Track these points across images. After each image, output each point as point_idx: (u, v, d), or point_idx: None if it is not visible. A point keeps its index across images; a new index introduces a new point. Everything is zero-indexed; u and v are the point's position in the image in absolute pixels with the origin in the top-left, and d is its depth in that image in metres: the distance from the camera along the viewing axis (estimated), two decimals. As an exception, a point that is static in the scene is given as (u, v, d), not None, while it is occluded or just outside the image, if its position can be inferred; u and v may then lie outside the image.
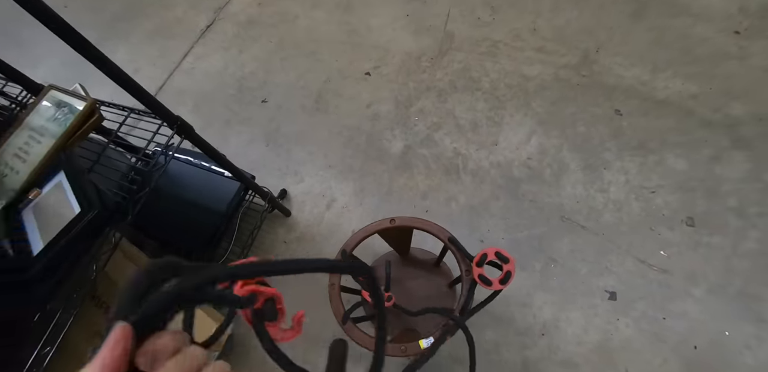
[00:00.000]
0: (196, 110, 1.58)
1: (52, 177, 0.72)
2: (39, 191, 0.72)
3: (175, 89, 1.68)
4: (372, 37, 1.56)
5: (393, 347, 0.69)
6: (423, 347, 0.68)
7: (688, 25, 1.39)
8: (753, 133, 1.18)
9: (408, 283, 1.03)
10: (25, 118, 0.78)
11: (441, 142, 1.27)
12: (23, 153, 0.75)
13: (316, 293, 1.06)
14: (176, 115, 0.80)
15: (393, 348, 0.69)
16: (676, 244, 1.05)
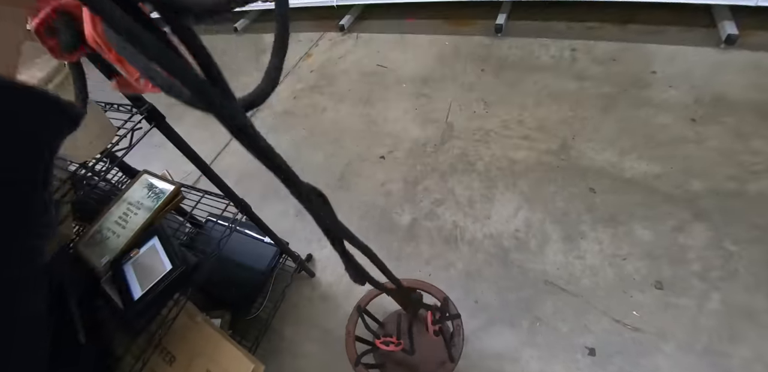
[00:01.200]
0: (238, 185, 1.90)
1: (148, 240, 0.98)
2: (137, 251, 0.98)
3: (222, 167, 2.03)
4: (387, 127, 1.89)
5: None
6: None
7: (650, 115, 1.65)
8: (712, 207, 1.37)
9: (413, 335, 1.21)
10: (124, 194, 1.08)
11: (442, 216, 1.51)
12: (122, 221, 1.02)
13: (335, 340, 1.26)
14: (241, 198, 1.08)
15: None
16: (647, 305, 1.21)
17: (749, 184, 1.40)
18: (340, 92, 2.15)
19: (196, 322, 1.16)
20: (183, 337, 1.12)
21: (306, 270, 1.43)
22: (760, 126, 1.53)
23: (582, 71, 1.88)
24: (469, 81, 1.97)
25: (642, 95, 1.73)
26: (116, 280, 0.94)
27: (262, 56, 2.72)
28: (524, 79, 1.91)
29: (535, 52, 2.03)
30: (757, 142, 1.48)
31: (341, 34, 2.57)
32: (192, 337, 1.13)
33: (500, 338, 1.21)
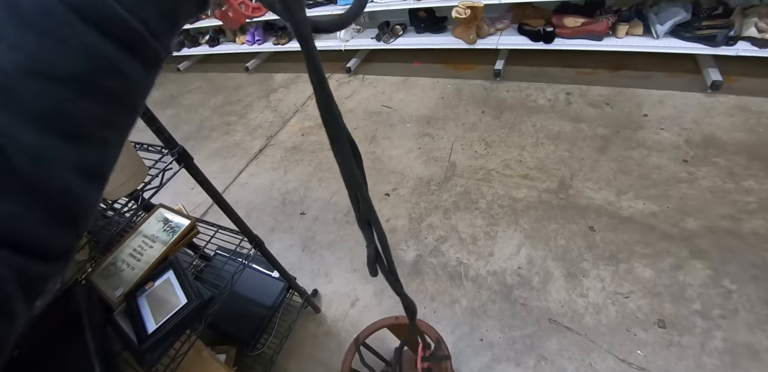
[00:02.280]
0: (247, 218, 1.93)
1: (163, 273, 1.01)
2: (152, 283, 1.01)
3: (230, 199, 2.03)
4: (391, 165, 1.97)
5: None
6: None
7: (644, 156, 1.73)
8: (708, 245, 1.41)
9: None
10: (139, 227, 1.12)
11: (446, 253, 1.54)
12: (137, 254, 1.05)
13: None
14: (255, 234, 1.13)
15: None
16: (650, 343, 1.22)
17: (743, 223, 1.45)
18: (346, 131, 2.24)
19: (203, 356, 1.17)
20: (188, 371, 1.12)
21: (312, 305, 1.45)
22: (750, 166, 1.60)
23: (577, 114, 1.98)
24: (470, 122, 2.07)
25: (635, 137, 1.81)
26: (130, 313, 0.97)
27: (271, 94, 2.86)
28: (523, 121, 2.00)
29: (532, 96, 2.15)
30: (749, 182, 1.55)
31: (348, 76, 2.72)
32: (197, 371, 1.13)
33: (506, 377, 1.21)
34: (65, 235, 0.22)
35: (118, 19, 0.20)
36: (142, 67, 0.23)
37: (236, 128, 2.63)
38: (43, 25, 0.19)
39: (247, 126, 2.62)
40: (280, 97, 2.79)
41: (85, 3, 0.19)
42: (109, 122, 0.22)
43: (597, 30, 2.00)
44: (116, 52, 0.21)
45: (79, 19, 0.19)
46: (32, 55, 0.19)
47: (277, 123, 2.55)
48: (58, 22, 0.19)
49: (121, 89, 0.22)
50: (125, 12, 0.20)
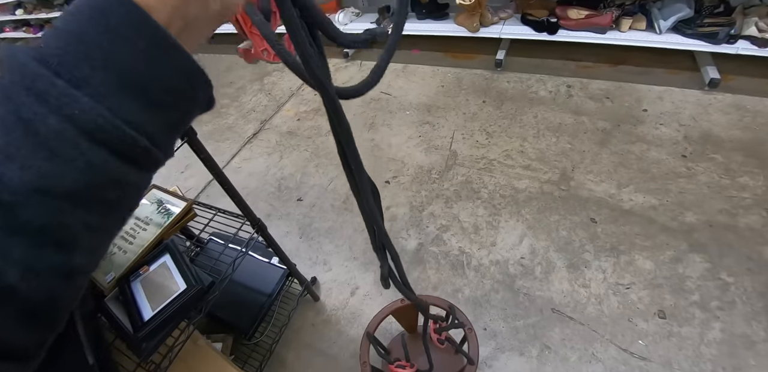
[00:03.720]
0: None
1: (158, 257, 0.95)
2: (147, 268, 0.95)
3: None
4: (391, 152, 1.93)
5: None
6: None
7: (644, 150, 1.74)
8: (706, 239, 1.43)
9: (420, 356, 1.19)
10: None
11: (448, 242, 1.52)
12: (130, 237, 0.99)
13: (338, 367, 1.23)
14: (258, 218, 1.08)
15: None
16: (651, 334, 1.23)
17: (739, 218, 1.47)
18: (344, 117, 2.18)
19: (198, 345, 1.12)
20: (184, 361, 1.07)
21: (311, 294, 1.41)
22: (746, 163, 1.62)
23: (578, 106, 1.98)
24: (471, 111, 2.05)
25: (635, 131, 1.82)
26: (124, 299, 0.91)
27: (265, 77, 2.77)
28: (524, 112, 1.99)
29: (533, 87, 2.14)
30: (745, 178, 1.57)
31: (345, 61, 2.65)
32: (193, 361, 1.08)
33: (510, 366, 1.20)
34: (42, 336, 0.22)
35: (128, 139, 0.21)
36: (143, 174, 0.23)
37: (229, 111, 2.54)
38: (55, 147, 0.19)
39: (240, 109, 2.53)
40: (274, 81, 2.71)
41: (96, 126, 0.20)
42: (103, 228, 0.23)
43: (601, 23, 1.99)
44: (121, 166, 0.22)
45: (90, 142, 0.20)
46: (42, 174, 0.19)
47: (271, 107, 2.48)
48: (69, 145, 0.20)
49: (119, 198, 0.23)
50: (134, 131, 0.21)
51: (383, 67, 0.35)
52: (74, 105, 0.19)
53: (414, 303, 0.71)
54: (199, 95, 0.25)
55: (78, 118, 0.19)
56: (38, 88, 0.19)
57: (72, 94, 0.19)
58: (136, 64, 0.21)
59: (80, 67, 0.20)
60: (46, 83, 0.19)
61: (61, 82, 0.19)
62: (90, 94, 0.20)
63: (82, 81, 0.20)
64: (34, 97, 0.19)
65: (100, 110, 0.20)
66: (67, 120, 0.19)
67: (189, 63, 0.23)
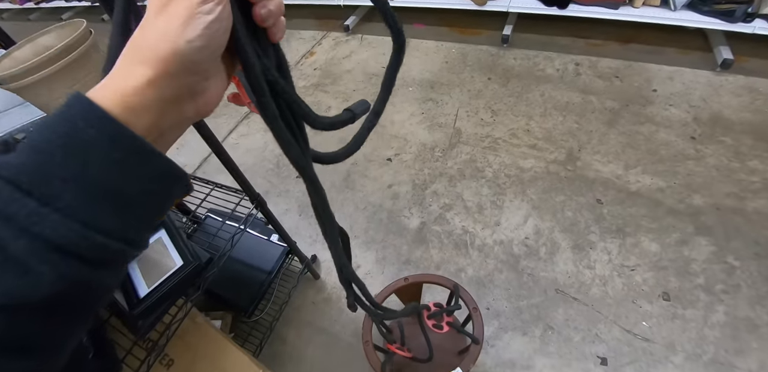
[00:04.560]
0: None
1: (154, 233, 0.92)
2: None
3: (219, 161, 1.95)
4: (394, 129, 1.88)
5: None
6: None
7: (652, 131, 1.70)
8: (713, 222, 1.41)
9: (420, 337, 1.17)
10: None
11: (452, 221, 1.49)
12: None
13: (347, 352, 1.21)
14: (257, 193, 1.03)
15: None
16: (655, 315, 1.22)
17: (747, 201, 1.45)
18: (344, 92, 2.12)
19: (197, 322, 1.09)
20: (182, 338, 1.04)
21: (312, 271, 1.38)
22: (756, 147, 1.59)
23: (586, 85, 1.92)
24: (476, 88, 1.98)
25: (644, 112, 1.78)
26: None
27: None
28: (530, 90, 1.93)
29: (540, 65, 2.07)
30: (754, 162, 1.54)
31: (345, 35, 2.55)
32: (192, 339, 1.06)
33: (513, 346, 1.19)
34: None
35: (100, 246, 0.21)
36: (117, 272, 0.23)
37: (223, 85, 2.45)
38: (25, 264, 0.19)
39: (235, 83, 2.44)
40: (271, 54, 2.61)
41: (68, 241, 0.20)
42: (72, 327, 0.23)
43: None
44: (93, 272, 0.21)
45: (61, 254, 0.20)
46: (8, 293, 0.19)
47: (267, 82, 2.39)
48: (40, 261, 0.19)
49: (89, 299, 0.23)
50: (107, 238, 0.21)
51: (365, 136, 0.36)
52: (44, 223, 0.19)
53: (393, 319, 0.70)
54: (174, 191, 0.25)
55: (48, 235, 0.19)
56: (8, 212, 0.19)
57: (42, 213, 0.19)
58: (111, 175, 0.21)
59: (52, 183, 0.20)
60: (17, 206, 0.19)
61: (32, 202, 0.19)
62: (61, 208, 0.20)
63: (53, 198, 0.20)
64: (3, 220, 0.19)
65: (71, 225, 0.20)
66: (38, 238, 0.19)
67: (164, 165, 0.23)
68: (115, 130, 0.21)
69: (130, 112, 0.21)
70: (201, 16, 0.22)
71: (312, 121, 0.32)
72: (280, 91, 0.28)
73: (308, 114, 0.31)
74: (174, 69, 0.22)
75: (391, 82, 0.36)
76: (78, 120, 0.20)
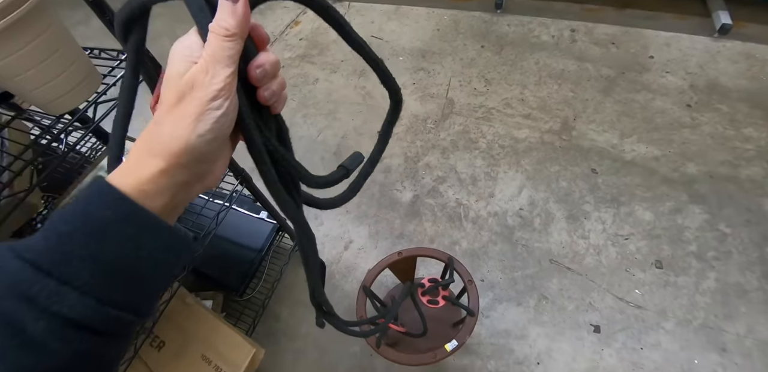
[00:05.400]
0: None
1: None
2: None
3: None
4: (384, 101, 1.81)
5: (424, 356, 0.83)
6: (449, 350, 0.82)
7: (648, 100, 1.67)
8: (706, 189, 1.41)
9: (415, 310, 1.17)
10: (100, 162, 0.96)
11: (445, 194, 1.47)
12: None
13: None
14: (242, 167, 0.99)
15: (424, 357, 0.83)
16: (648, 283, 1.23)
17: (741, 169, 1.44)
18: (332, 62, 2.03)
19: (187, 303, 1.07)
20: (172, 320, 1.02)
21: (303, 246, 1.36)
22: (751, 114, 1.57)
23: (582, 52, 1.86)
24: (468, 57, 1.91)
25: (640, 79, 1.73)
26: None
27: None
28: (525, 58, 1.87)
29: (535, 31, 2.00)
30: (749, 130, 1.53)
31: (332, 2, 2.43)
32: (182, 320, 1.04)
33: (508, 316, 1.20)
34: None
35: (114, 319, 0.22)
36: (124, 343, 0.24)
37: (204, 57, 2.34)
38: (42, 344, 0.20)
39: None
40: (253, 24, 2.48)
41: (84, 317, 0.21)
42: None
43: (612, -42, 1.82)
44: (106, 342, 0.22)
45: (76, 329, 0.21)
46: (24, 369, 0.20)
47: (251, 53, 2.28)
48: (56, 338, 0.20)
49: (100, 365, 0.23)
50: (121, 311, 0.22)
51: (361, 184, 0.37)
52: (63, 302, 0.20)
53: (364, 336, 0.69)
54: (183, 259, 0.26)
55: (66, 313, 0.20)
56: (30, 293, 0.20)
57: (61, 292, 0.21)
58: (126, 250, 0.22)
59: (70, 263, 0.21)
60: (39, 287, 0.20)
61: (51, 282, 0.20)
62: (79, 286, 0.21)
63: (71, 276, 0.21)
64: (25, 302, 0.20)
65: (88, 301, 0.21)
66: (56, 317, 0.20)
67: (175, 237, 0.25)
68: (130, 209, 0.22)
69: (145, 196, 0.23)
70: (211, 112, 0.23)
71: (308, 182, 0.33)
72: (280, 159, 0.29)
73: (305, 176, 0.32)
74: (185, 160, 0.24)
75: (388, 134, 0.38)
76: (96, 201, 0.22)
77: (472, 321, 0.91)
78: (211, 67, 0.23)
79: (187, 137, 0.23)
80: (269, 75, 0.26)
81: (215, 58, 0.23)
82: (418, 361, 0.85)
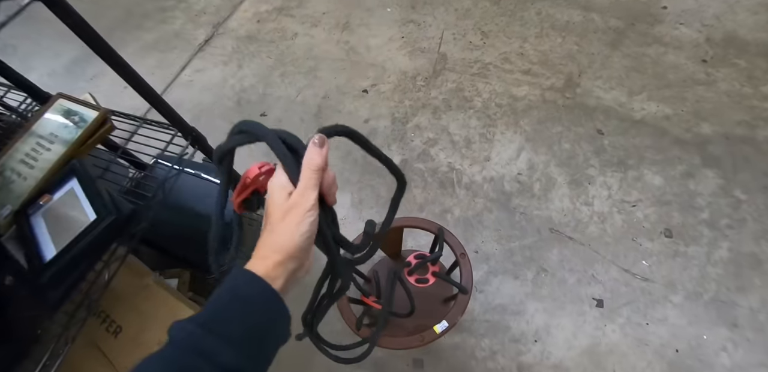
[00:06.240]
0: (195, 122, 1.57)
1: (64, 183, 0.73)
2: (50, 197, 0.72)
3: (173, 101, 1.68)
4: (370, 57, 1.64)
5: (411, 339, 0.73)
6: (438, 332, 0.72)
7: (660, 53, 1.51)
8: (721, 152, 1.29)
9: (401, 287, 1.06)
10: (32, 126, 0.80)
11: (436, 157, 1.33)
12: (30, 159, 0.76)
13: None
14: (191, 126, 0.84)
15: (413, 339, 0.73)
16: (656, 253, 1.13)
17: (759, 130, 1.32)
18: (313, 15, 1.83)
19: (146, 284, 0.95)
20: (130, 302, 0.91)
21: (279, 217, 1.23)
22: (772, 69, 1.43)
23: (588, 1, 1.68)
24: (463, 7, 1.72)
25: (652, 31, 1.57)
26: (22, 237, 0.69)
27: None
28: (525, 8, 1.69)
29: (537, -22, 1.80)
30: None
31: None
32: (140, 302, 0.92)
33: (504, 290, 1.10)
34: None
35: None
36: None
37: (174, 14, 2.10)
38: None
39: (187, 12, 2.09)
40: (225, -28, 2.23)
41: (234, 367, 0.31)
42: None
43: None
44: None
45: None
46: None
47: (225, 7, 2.05)
48: None
49: None
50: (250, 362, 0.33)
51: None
52: (222, 355, 0.30)
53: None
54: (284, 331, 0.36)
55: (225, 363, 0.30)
56: (202, 347, 0.30)
57: (222, 348, 0.30)
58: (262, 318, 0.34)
59: (229, 326, 0.32)
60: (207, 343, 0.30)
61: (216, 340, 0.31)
62: (232, 344, 0.31)
63: (229, 338, 0.31)
64: (198, 354, 0.30)
65: (238, 357, 0.31)
66: (218, 366, 0.30)
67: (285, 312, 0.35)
68: (265, 286, 0.33)
69: (270, 280, 0.34)
70: (306, 219, 0.34)
71: (349, 249, 0.41)
72: (337, 238, 0.39)
73: (349, 245, 0.41)
74: (294, 253, 0.34)
75: (396, 207, 0.47)
76: (242, 283, 0.34)
77: (465, 299, 0.80)
78: (305, 191, 0.34)
79: (294, 237, 0.34)
80: (333, 190, 0.38)
81: (307, 185, 0.35)
82: (403, 344, 0.75)
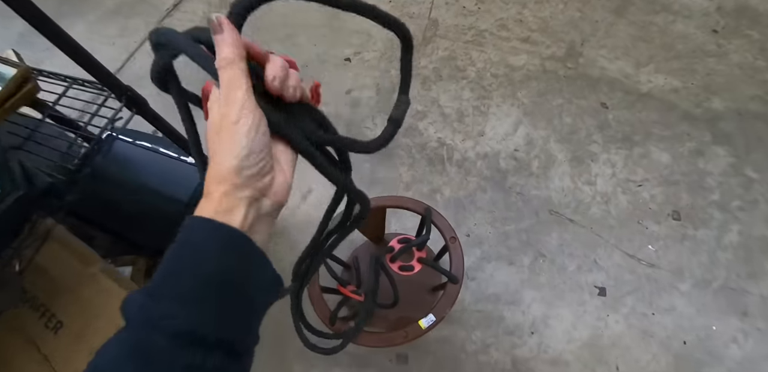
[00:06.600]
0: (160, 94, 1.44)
1: None
2: None
3: (137, 71, 1.55)
4: (353, 23, 1.49)
5: (394, 336, 0.62)
6: (424, 327, 0.62)
7: (669, 22, 1.40)
8: (733, 128, 1.19)
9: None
10: None
11: (425, 132, 1.21)
12: None
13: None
14: (126, 85, 0.69)
15: (395, 336, 0.62)
16: (663, 237, 1.04)
17: (773, 105, 1.22)
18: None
19: (92, 273, 0.84)
20: (73, 294, 0.82)
21: (249, 196, 1.10)
22: (787, 41, 1.33)
23: (592, -35, 1.54)
24: (456, -32, 1.57)
25: (660, -2, 1.45)
26: None
27: None
28: (524, -30, 1.54)
29: (537, -61, 1.65)
30: (784, 59, 1.29)
31: None
32: (85, 293, 0.83)
33: (498, 278, 1.01)
34: None
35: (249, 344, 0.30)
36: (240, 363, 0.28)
37: (137, -26, 1.90)
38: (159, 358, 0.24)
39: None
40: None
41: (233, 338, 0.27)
42: None
43: None
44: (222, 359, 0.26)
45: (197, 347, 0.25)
46: None
47: (194, -34, 1.87)
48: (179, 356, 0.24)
49: None
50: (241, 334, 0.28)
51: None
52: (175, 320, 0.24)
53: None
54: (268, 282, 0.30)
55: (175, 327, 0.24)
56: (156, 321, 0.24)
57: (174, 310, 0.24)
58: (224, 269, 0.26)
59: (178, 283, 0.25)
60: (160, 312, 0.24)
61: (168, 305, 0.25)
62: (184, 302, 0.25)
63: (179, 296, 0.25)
64: (157, 331, 0.24)
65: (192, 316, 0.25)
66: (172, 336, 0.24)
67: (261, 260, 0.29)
68: (215, 225, 0.27)
69: (222, 215, 0.27)
70: (240, 128, 0.26)
71: (363, 149, 0.33)
72: (328, 141, 0.31)
73: (361, 146, 0.32)
74: (239, 179, 0.27)
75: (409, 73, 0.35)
76: (189, 231, 0.27)
77: (455, 289, 0.69)
78: (228, 95, 0.27)
79: (227, 161, 0.27)
80: (283, 79, 0.28)
81: (228, 87, 0.27)
82: (384, 342, 0.64)
